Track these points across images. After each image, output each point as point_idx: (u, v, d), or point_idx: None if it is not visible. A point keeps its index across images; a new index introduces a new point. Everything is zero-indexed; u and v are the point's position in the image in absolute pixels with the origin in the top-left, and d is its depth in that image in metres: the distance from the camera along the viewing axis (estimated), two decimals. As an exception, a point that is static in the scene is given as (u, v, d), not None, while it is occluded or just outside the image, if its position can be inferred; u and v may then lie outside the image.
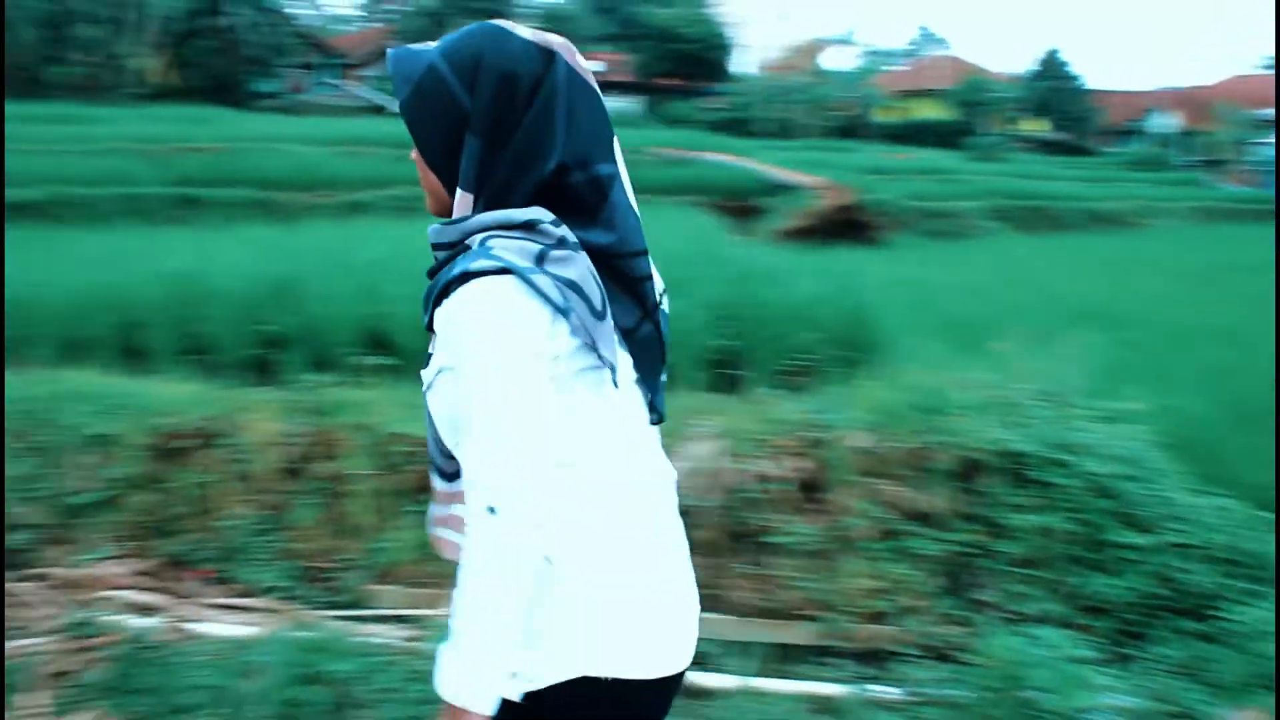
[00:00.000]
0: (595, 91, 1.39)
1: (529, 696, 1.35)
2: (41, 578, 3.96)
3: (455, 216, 1.38)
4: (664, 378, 1.51)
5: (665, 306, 1.49)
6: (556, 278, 1.28)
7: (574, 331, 1.30)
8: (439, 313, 1.32)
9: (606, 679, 1.36)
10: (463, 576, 1.28)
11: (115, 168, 13.81)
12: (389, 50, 1.40)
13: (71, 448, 4.03)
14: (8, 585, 3.86)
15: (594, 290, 1.32)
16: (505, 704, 1.31)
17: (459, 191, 1.37)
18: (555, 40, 1.38)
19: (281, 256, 6.71)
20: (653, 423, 1.48)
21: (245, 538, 3.91)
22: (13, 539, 4.04)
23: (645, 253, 1.42)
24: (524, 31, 1.37)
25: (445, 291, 1.30)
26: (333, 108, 31.63)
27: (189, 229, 10.30)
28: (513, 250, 1.29)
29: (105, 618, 3.53)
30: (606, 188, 1.38)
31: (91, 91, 31.42)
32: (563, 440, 1.33)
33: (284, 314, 5.50)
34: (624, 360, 1.41)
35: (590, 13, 45.81)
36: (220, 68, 32.78)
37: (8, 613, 3.45)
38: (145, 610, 3.66)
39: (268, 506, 3.98)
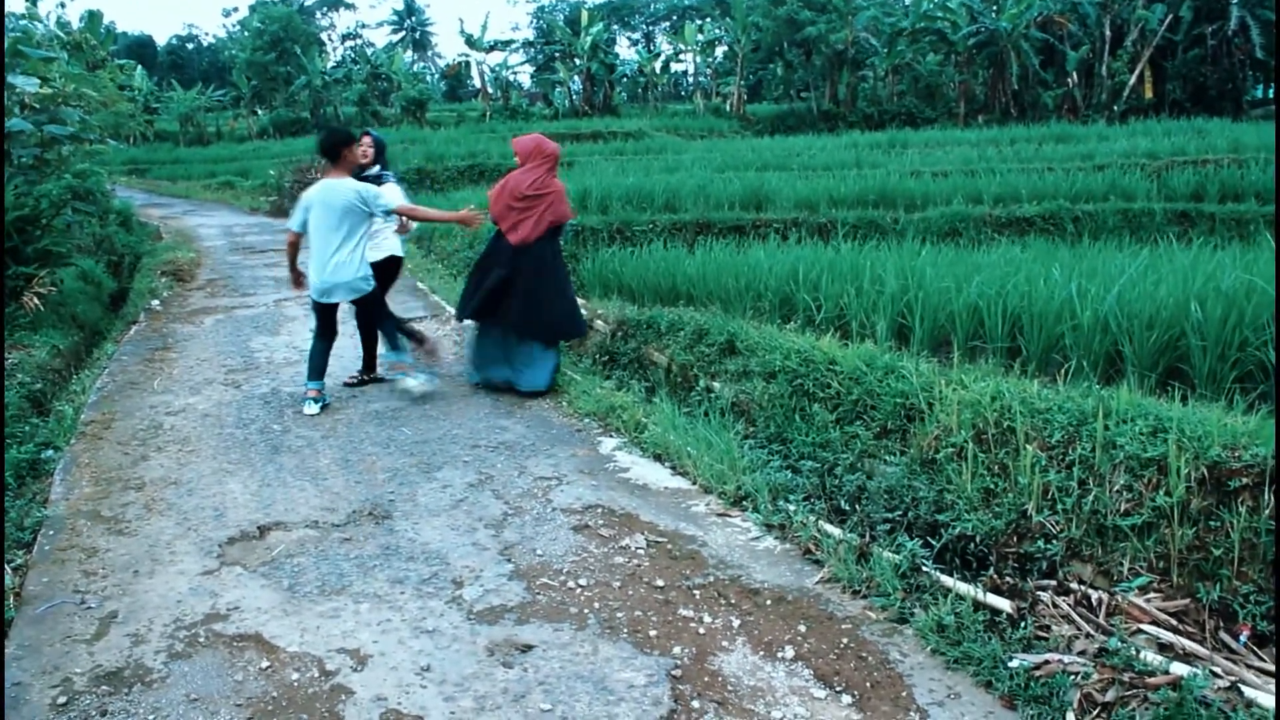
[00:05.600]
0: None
1: None
2: (1064, 591, 3.90)
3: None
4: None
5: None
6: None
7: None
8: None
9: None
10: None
11: (1111, 183, 13.79)
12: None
13: (1113, 466, 3.90)
14: (1032, 588, 3.89)
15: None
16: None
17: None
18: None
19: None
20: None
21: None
22: (1036, 546, 4.06)
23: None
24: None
25: None
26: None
27: (1188, 245, 9.71)
28: None
29: (1143, 654, 3.30)
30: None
31: (1074, 111, 32.61)
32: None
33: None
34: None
35: None
36: (1212, 78, 31.14)
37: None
38: (1185, 657, 3.33)
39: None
